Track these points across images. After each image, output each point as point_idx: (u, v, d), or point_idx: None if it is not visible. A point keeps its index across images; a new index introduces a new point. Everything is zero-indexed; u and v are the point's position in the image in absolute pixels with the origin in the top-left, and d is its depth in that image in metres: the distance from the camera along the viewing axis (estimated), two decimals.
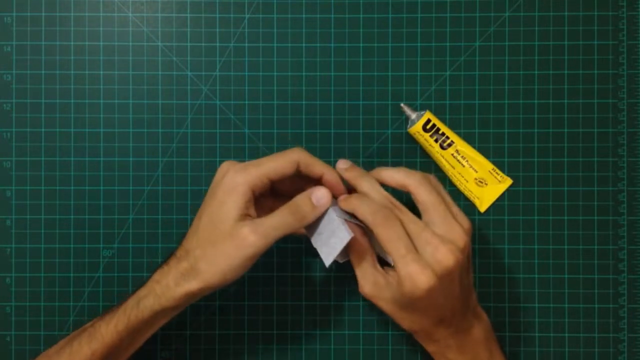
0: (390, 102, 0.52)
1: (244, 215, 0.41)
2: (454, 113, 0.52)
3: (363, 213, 0.42)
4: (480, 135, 0.52)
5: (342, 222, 0.42)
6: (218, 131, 0.52)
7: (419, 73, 0.52)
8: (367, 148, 0.52)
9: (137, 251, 0.52)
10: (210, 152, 0.52)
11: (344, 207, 0.43)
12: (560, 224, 0.52)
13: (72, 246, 0.52)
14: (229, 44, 0.52)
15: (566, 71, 0.52)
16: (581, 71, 0.52)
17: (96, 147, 0.52)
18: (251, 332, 0.52)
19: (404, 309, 0.42)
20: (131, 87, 0.52)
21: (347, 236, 0.42)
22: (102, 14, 0.52)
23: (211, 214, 0.41)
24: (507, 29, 0.52)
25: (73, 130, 0.52)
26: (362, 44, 0.52)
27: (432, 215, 0.41)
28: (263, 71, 0.52)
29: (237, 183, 0.41)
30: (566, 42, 0.52)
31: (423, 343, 0.45)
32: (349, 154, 0.52)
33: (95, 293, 0.52)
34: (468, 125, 0.52)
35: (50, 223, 0.52)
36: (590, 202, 0.52)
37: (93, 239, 0.52)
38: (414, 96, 0.52)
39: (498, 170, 0.52)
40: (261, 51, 0.52)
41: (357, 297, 0.52)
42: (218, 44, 0.52)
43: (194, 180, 0.52)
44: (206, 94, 0.52)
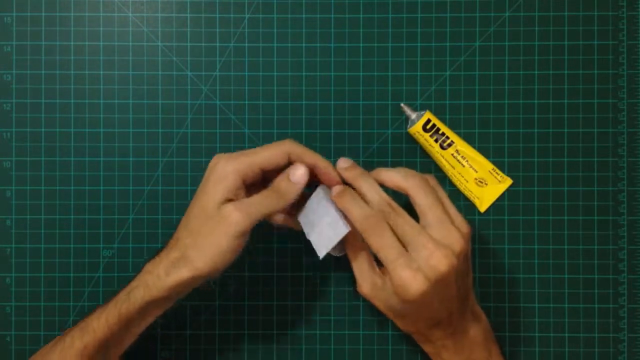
0: (390, 102, 0.52)
1: (230, 197, 0.41)
2: (454, 113, 0.52)
3: (355, 216, 0.41)
4: (480, 135, 0.52)
5: (341, 216, 0.42)
6: (218, 131, 0.52)
7: (419, 73, 0.52)
8: (367, 148, 0.52)
9: (137, 251, 0.52)
10: (210, 152, 0.52)
11: (337, 204, 0.43)
12: (560, 224, 0.52)
13: (72, 246, 0.52)
14: (229, 44, 0.52)
15: (566, 71, 0.52)
16: (581, 71, 0.52)
17: (96, 147, 0.52)
18: (251, 332, 0.52)
19: (399, 311, 0.42)
20: (131, 87, 0.52)
21: (345, 230, 0.42)
22: (102, 14, 0.52)
23: (201, 204, 0.42)
24: (507, 29, 0.52)
25: (73, 130, 0.52)
26: (362, 44, 0.52)
27: (429, 218, 0.41)
28: (263, 71, 0.52)
29: (227, 172, 0.41)
30: (566, 42, 0.52)
31: (420, 343, 0.45)
32: (349, 154, 0.52)
33: (95, 293, 0.52)
34: (468, 125, 0.52)
35: (50, 223, 0.52)
36: (590, 202, 0.52)
37: (93, 239, 0.52)
38: (414, 96, 0.52)
39: (498, 170, 0.52)
40: (261, 51, 0.52)
41: (357, 297, 0.52)
42: (218, 44, 0.52)
43: (194, 180, 0.52)
44: (206, 94, 0.52)
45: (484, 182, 0.51)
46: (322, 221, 0.43)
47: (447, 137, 0.51)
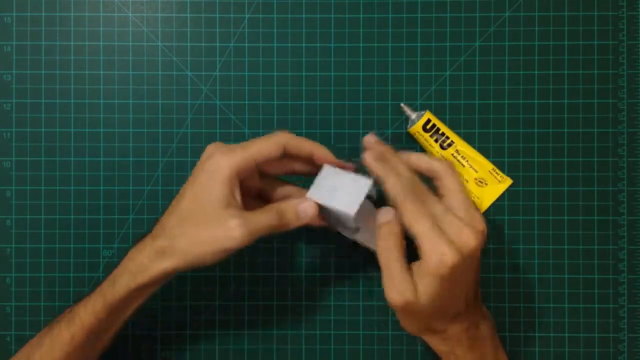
0: (390, 102, 0.52)
1: (230, 202, 0.41)
2: (454, 113, 0.52)
3: (393, 183, 0.41)
4: (480, 135, 0.52)
5: (357, 173, 0.42)
6: (218, 131, 0.52)
7: (419, 73, 0.52)
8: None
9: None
10: None
11: (374, 170, 0.42)
12: (560, 224, 0.52)
13: (72, 246, 0.52)
14: (229, 44, 0.52)
15: (566, 71, 0.52)
16: (581, 71, 0.52)
17: (96, 147, 0.52)
18: (251, 332, 0.52)
19: (423, 304, 0.41)
20: (131, 87, 0.52)
21: (369, 181, 0.42)
22: (102, 14, 0.52)
23: (195, 195, 0.41)
24: (507, 29, 0.52)
25: (73, 130, 0.52)
26: (362, 44, 0.52)
27: (455, 200, 0.41)
28: (263, 71, 0.52)
29: (223, 166, 0.41)
30: (566, 42, 0.52)
31: (434, 344, 0.44)
32: (349, 154, 0.52)
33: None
34: (468, 125, 0.52)
35: (50, 223, 0.52)
36: (590, 202, 0.52)
37: (93, 239, 0.52)
38: (414, 96, 0.52)
39: (498, 170, 0.52)
40: (261, 51, 0.52)
41: (357, 297, 0.52)
42: (218, 44, 0.52)
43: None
44: (206, 94, 0.52)
45: (484, 182, 0.51)
46: (344, 183, 0.43)
47: (447, 137, 0.51)
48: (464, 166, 0.51)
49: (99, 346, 0.44)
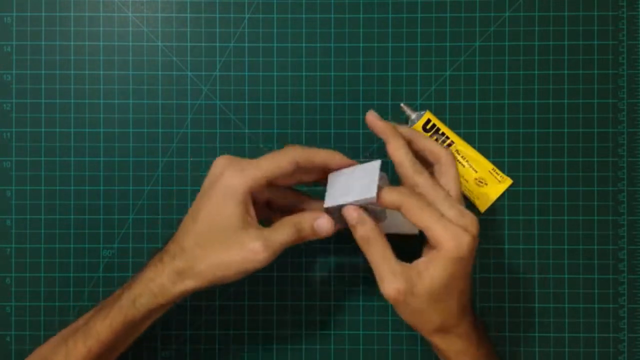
0: (390, 102, 0.52)
1: (247, 220, 0.41)
2: (454, 113, 0.52)
3: (397, 146, 0.43)
4: (480, 135, 0.52)
5: (362, 162, 0.43)
6: (218, 131, 0.52)
7: (419, 73, 0.52)
8: (367, 148, 0.52)
9: (137, 251, 0.52)
10: (210, 152, 0.52)
11: (374, 124, 0.44)
12: (560, 224, 0.52)
13: (72, 246, 0.52)
14: (229, 44, 0.52)
15: (566, 71, 0.52)
16: (581, 71, 0.52)
17: (96, 147, 0.52)
18: (251, 332, 0.52)
19: (436, 295, 0.41)
20: (131, 87, 0.52)
21: (378, 162, 0.42)
22: (102, 14, 0.52)
23: (209, 215, 0.41)
24: (507, 29, 0.52)
25: (73, 130, 0.52)
26: (362, 44, 0.52)
27: (453, 188, 0.43)
28: (263, 71, 0.52)
29: (237, 187, 0.41)
30: (566, 42, 0.52)
31: (447, 343, 0.43)
32: (349, 154, 0.51)
33: (95, 293, 0.52)
34: (468, 125, 0.52)
35: (50, 223, 0.52)
36: (590, 202, 0.52)
37: (93, 239, 0.52)
38: (414, 96, 0.52)
39: (498, 170, 0.52)
40: (261, 51, 0.52)
41: (357, 297, 0.52)
42: (218, 44, 0.52)
43: (194, 180, 0.52)
44: (206, 94, 0.52)
45: (484, 182, 0.51)
46: (354, 176, 0.43)
47: (447, 137, 0.51)
48: (464, 166, 0.51)
49: (112, 358, 0.44)
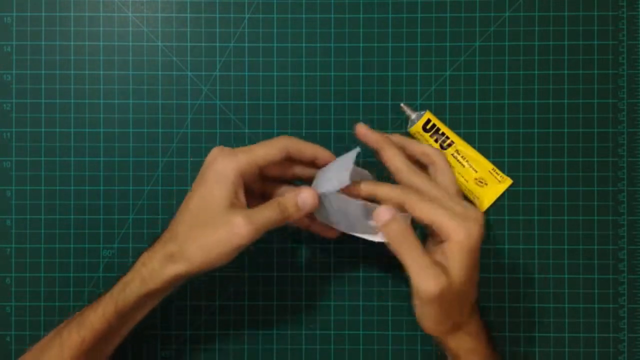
0: (390, 102, 0.52)
1: (235, 202, 0.42)
2: (454, 113, 0.52)
3: (392, 154, 0.44)
4: (480, 135, 0.52)
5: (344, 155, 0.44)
6: (218, 131, 0.52)
7: (419, 73, 0.52)
8: (367, 148, 0.52)
9: (137, 251, 0.51)
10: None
11: (366, 137, 0.45)
12: (560, 224, 0.52)
13: (72, 246, 0.52)
14: (229, 44, 0.52)
15: (566, 71, 0.52)
16: (581, 71, 0.52)
17: (96, 147, 0.52)
18: (251, 332, 0.52)
19: (461, 288, 0.41)
20: (131, 87, 0.52)
21: (355, 150, 0.43)
22: (102, 14, 0.52)
23: (200, 199, 0.42)
24: (507, 29, 0.52)
25: (73, 130, 0.52)
26: (362, 44, 0.52)
27: (451, 185, 0.44)
28: (263, 71, 0.52)
29: (227, 169, 0.42)
30: (566, 42, 0.52)
31: (456, 341, 0.43)
32: None
33: (95, 293, 0.52)
34: (468, 125, 0.52)
35: (50, 223, 0.52)
36: (590, 202, 0.52)
37: (93, 239, 0.52)
38: (414, 96, 0.52)
39: (498, 170, 0.52)
40: (261, 51, 0.52)
41: (357, 297, 0.52)
42: (218, 44, 0.52)
43: (194, 180, 0.52)
44: (206, 94, 0.52)
45: (484, 182, 0.51)
46: (333, 166, 0.44)
47: (447, 137, 0.51)
48: (464, 166, 0.51)
49: (107, 350, 0.44)
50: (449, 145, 0.51)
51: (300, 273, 0.52)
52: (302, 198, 0.43)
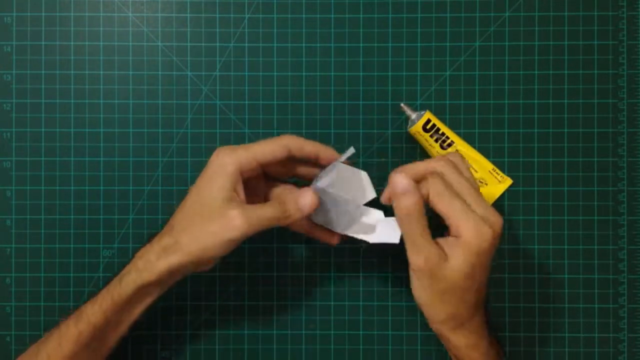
0: (390, 102, 0.52)
1: (232, 196, 0.42)
2: (454, 113, 0.52)
3: (434, 164, 0.42)
4: (480, 135, 0.52)
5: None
6: (218, 131, 0.52)
7: (419, 73, 0.52)
8: (367, 148, 0.52)
9: (137, 251, 0.52)
10: (210, 152, 0.51)
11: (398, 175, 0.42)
12: (560, 224, 0.52)
13: (72, 246, 0.52)
14: (229, 44, 0.52)
15: (566, 71, 0.52)
16: (581, 71, 0.52)
17: (96, 147, 0.52)
18: (251, 332, 0.52)
19: (456, 282, 0.41)
20: (131, 87, 0.52)
21: (351, 150, 0.43)
22: (102, 14, 0.52)
23: (198, 193, 0.42)
24: (507, 29, 0.52)
25: (73, 130, 0.52)
26: (362, 44, 0.52)
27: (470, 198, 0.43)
28: (263, 71, 0.52)
29: (226, 163, 0.42)
30: (566, 42, 0.52)
31: (458, 337, 0.43)
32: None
33: (95, 293, 0.51)
34: (468, 125, 0.52)
35: (50, 223, 0.52)
36: (590, 202, 0.52)
37: (93, 239, 0.52)
38: (414, 96, 0.52)
39: (498, 170, 0.52)
40: (261, 51, 0.52)
41: (357, 297, 0.52)
42: (218, 44, 0.52)
43: (194, 180, 0.52)
44: (206, 94, 0.52)
45: (484, 182, 0.51)
46: (344, 176, 0.44)
47: (447, 137, 0.51)
48: None
49: (105, 348, 0.44)
50: (449, 145, 0.51)
51: (300, 273, 0.52)
52: (304, 199, 0.43)
